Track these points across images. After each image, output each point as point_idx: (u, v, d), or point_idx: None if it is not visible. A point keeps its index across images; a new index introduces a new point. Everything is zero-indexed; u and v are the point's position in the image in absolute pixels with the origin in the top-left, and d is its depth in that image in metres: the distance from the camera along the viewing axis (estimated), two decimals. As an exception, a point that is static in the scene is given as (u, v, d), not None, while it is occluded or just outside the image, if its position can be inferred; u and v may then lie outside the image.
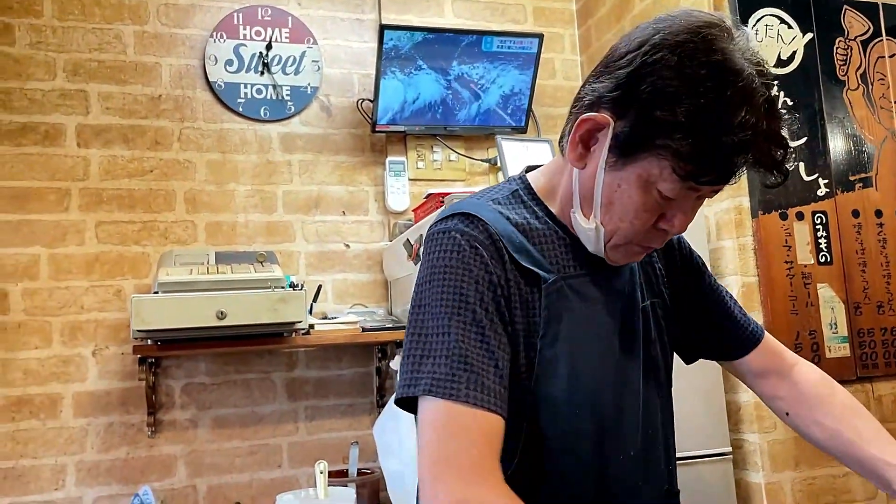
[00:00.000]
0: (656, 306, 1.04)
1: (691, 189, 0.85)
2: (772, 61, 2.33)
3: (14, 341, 2.36)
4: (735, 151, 0.79)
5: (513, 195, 0.99)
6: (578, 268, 0.95)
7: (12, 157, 2.44)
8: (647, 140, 0.83)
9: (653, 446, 0.99)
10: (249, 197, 2.66)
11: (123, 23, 2.61)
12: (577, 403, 0.91)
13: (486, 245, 0.89)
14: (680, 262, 1.11)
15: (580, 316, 0.93)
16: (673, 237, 1.10)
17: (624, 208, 0.88)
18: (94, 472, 2.38)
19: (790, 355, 1.15)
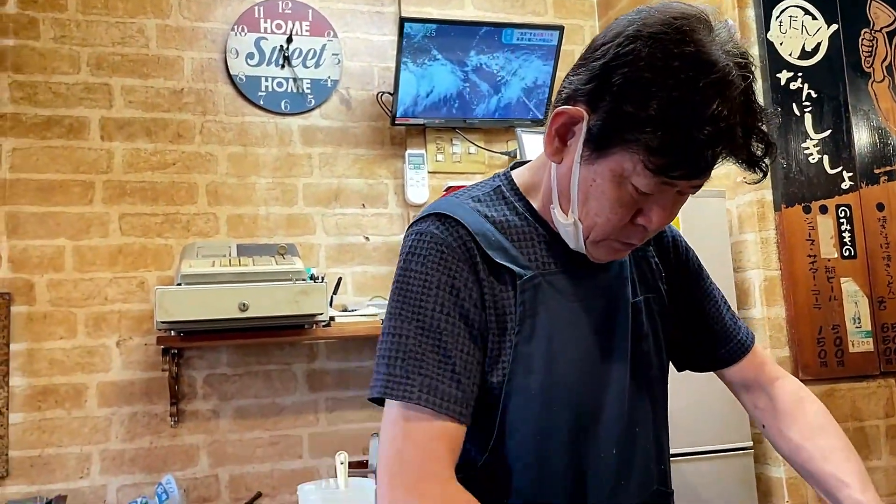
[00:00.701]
0: (650, 301, 1.01)
1: (666, 184, 0.83)
2: (796, 53, 2.31)
3: (40, 332, 2.40)
4: (707, 145, 0.77)
5: (494, 192, 0.99)
6: (559, 264, 0.94)
7: (38, 150, 2.48)
8: (618, 134, 0.81)
9: (640, 445, 0.97)
10: (270, 190, 2.68)
11: (146, 16, 2.63)
12: (552, 399, 0.90)
13: (453, 248, 0.89)
14: (674, 260, 1.09)
15: (559, 312, 0.92)
16: (668, 234, 1.09)
17: (599, 204, 0.87)
18: (118, 461, 2.41)
19: (774, 369, 1.14)
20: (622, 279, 0.98)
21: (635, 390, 0.96)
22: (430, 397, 0.84)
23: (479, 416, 0.90)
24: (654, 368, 1.00)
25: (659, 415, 1.02)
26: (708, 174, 0.83)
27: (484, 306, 0.90)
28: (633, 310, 0.98)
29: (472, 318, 0.88)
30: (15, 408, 2.34)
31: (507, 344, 0.90)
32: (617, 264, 0.98)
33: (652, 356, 1.00)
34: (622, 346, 0.96)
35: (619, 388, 0.94)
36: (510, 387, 0.89)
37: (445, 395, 0.84)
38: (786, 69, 2.29)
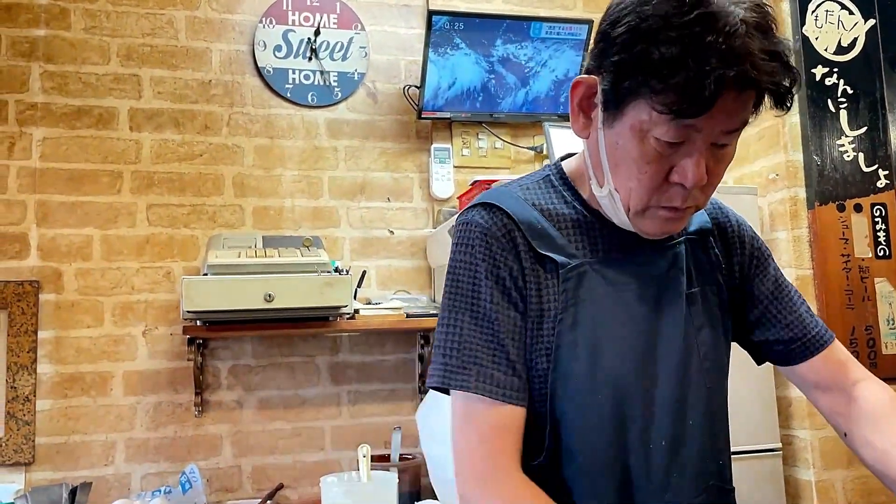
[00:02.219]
0: (707, 293, 0.99)
1: (687, 127, 0.81)
2: (832, 48, 2.27)
3: (67, 319, 2.42)
4: (705, 74, 0.76)
5: (544, 181, 1.00)
6: (608, 252, 0.94)
7: (67, 140, 2.50)
8: (626, 86, 0.82)
9: (693, 438, 0.94)
10: (296, 182, 2.68)
11: (175, 8, 2.64)
12: (598, 387, 0.89)
13: (497, 237, 0.91)
14: (739, 250, 1.05)
15: (605, 300, 0.91)
16: (733, 222, 1.06)
17: (628, 166, 0.86)
18: (143, 450, 2.43)
19: (858, 369, 1.06)
20: (677, 269, 0.97)
21: (689, 382, 0.94)
22: (486, 385, 0.88)
23: (532, 405, 0.91)
24: (709, 361, 0.97)
25: (716, 409, 0.98)
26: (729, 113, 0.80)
27: (527, 293, 0.90)
28: (687, 300, 0.96)
29: (520, 306, 0.90)
30: (42, 395, 2.37)
31: (551, 332, 0.90)
32: (671, 254, 0.97)
33: (708, 348, 0.97)
34: (674, 337, 0.94)
35: (670, 379, 0.93)
36: (556, 374, 0.89)
37: (501, 383, 0.88)
38: (821, 64, 2.25)
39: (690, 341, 0.95)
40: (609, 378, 0.90)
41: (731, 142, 0.86)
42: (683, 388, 0.93)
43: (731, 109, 0.81)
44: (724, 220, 1.06)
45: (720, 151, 0.86)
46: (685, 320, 0.95)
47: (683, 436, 0.93)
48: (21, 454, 2.31)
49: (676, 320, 0.95)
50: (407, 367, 2.67)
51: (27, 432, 2.33)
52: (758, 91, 0.81)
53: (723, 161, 0.87)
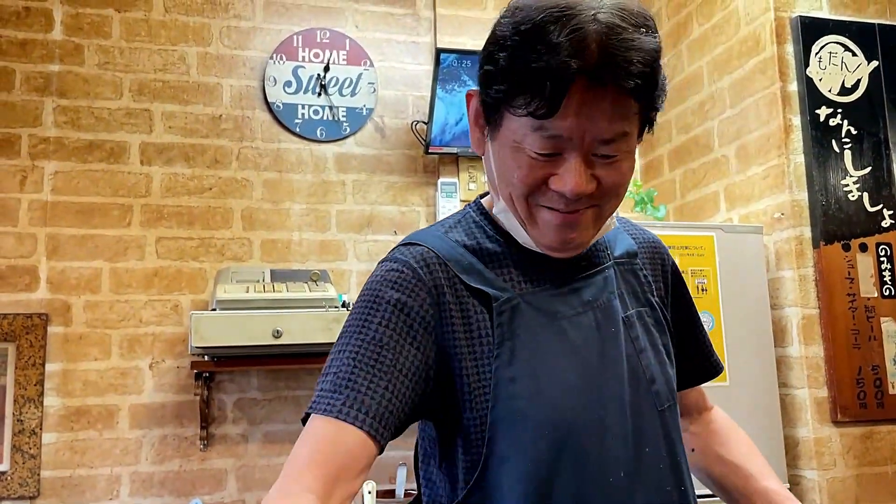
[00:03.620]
0: (643, 314, 0.97)
1: (555, 139, 0.80)
2: (836, 89, 2.30)
3: (75, 352, 2.43)
4: (549, 70, 0.76)
5: (464, 218, 0.96)
6: (538, 283, 0.90)
7: (79, 174, 2.52)
8: (492, 95, 0.83)
9: (651, 465, 0.89)
10: (304, 215, 2.70)
11: (187, 44, 2.68)
12: (544, 422, 0.84)
13: (415, 269, 0.86)
14: (662, 273, 1.05)
15: (542, 332, 0.88)
16: (658, 247, 1.06)
17: (507, 170, 0.85)
18: (148, 484, 2.42)
19: (707, 398, 1.17)
20: (608, 293, 0.94)
21: (640, 407, 0.90)
22: (352, 411, 0.78)
23: (464, 450, 0.86)
24: (657, 382, 0.93)
25: (671, 431, 0.94)
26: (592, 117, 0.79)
27: (444, 331, 0.86)
28: (625, 324, 0.93)
29: (420, 340, 0.84)
30: (48, 427, 2.37)
31: (487, 370, 0.85)
32: (601, 278, 0.94)
33: (654, 370, 0.94)
34: (618, 363, 0.90)
35: (620, 406, 0.88)
36: (494, 414, 0.84)
37: (371, 411, 0.79)
38: (825, 105, 2.27)
39: (634, 366, 0.92)
40: (556, 412, 0.85)
41: (617, 153, 0.83)
42: (636, 413, 0.89)
43: (597, 113, 0.79)
44: (648, 243, 1.05)
45: (608, 163, 0.83)
46: (626, 345, 0.92)
47: (641, 465, 0.88)
48: (26, 488, 2.31)
49: (617, 345, 0.91)
50: (412, 402, 2.67)
51: (33, 465, 2.33)
52: (614, 87, 0.78)
53: (615, 174, 0.84)
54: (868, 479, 2.13)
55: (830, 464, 2.11)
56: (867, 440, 2.15)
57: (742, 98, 2.44)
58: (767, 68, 2.32)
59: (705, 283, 2.13)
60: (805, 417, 2.14)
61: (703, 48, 2.67)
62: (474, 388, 0.85)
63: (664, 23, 2.90)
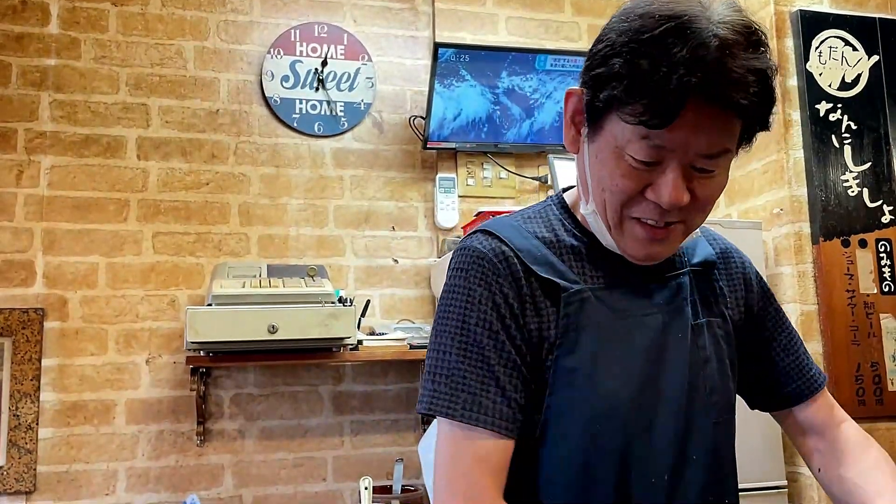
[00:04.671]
0: (714, 325, 0.97)
1: (660, 148, 0.81)
2: (836, 84, 2.28)
3: (71, 348, 2.42)
4: (668, 82, 0.76)
5: (545, 210, 0.99)
6: (611, 279, 0.92)
7: (75, 168, 2.51)
8: (601, 98, 0.83)
9: (695, 473, 0.90)
10: (301, 211, 2.69)
11: (184, 39, 2.67)
12: (596, 416, 0.86)
13: (494, 263, 0.89)
14: (743, 286, 1.04)
15: (607, 327, 0.89)
16: (737, 258, 1.05)
17: (602, 177, 0.86)
18: (144, 479, 2.42)
19: (841, 412, 1.09)
20: (681, 299, 0.95)
21: (694, 415, 0.91)
22: (473, 413, 0.85)
23: (522, 432, 0.88)
24: (716, 394, 0.94)
25: (722, 445, 0.95)
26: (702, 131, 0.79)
27: (525, 321, 0.89)
28: (694, 331, 0.94)
29: (513, 332, 0.88)
30: (44, 423, 2.36)
31: (549, 358, 0.88)
32: (675, 283, 0.95)
33: (716, 381, 0.95)
34: (679, 368, 0.91)
35: (673, 411, 0.90)
36: (551, 400, 0.87)
37: (489, 411, 0.85)
38: (825, 100, 2.26)
39: (696, 374, 0.92)
40: (609, 407, 0.87)
41: (716, 168, 0.84)
42: (687, 421, 0.90)
43: (705, 128, 0.80)
44: (729, 256, 1.05)
45: (705, 178, 0.84)
46: (691, 352, 0.93)
47: (685, 471, 0.90)
48: (22, 483, 2.30)
49: (681, 352, 0.92)
50: (410, 398, 2.66)
51: (29, 461, 2.32)
52: (728, 106, 0.78)
53: (710, 188, 0.85)
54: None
55: (829, 461, 2.09)
56: (866, 437, 2.14)
57: (741, 93, 2.42)
58: (767, 63, 2.30)
59: (703, 279, 2.12)
60: (803, 414, 2.13)
61: (702, 43, 2.65)
62: (536, 373, 0.88)
63: (664, 17, 2.88)
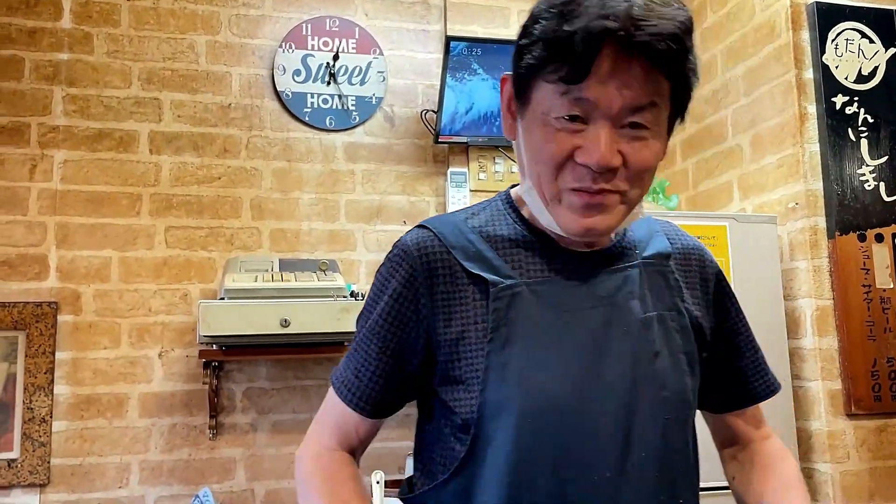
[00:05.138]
0: (666, 318, 0.93)
1: (581, 101, 0.81)
2: (852, 77, 2.25)
3: (85, 341, 2.43)
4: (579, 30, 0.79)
5: (490, 205, 0.98)
6: (551, 272, 0.90)
7: (88, 163, 2.52)
8: (523, 66, 0.85)
9: (644, 471, 0.86)
10: (313, 205, 2.69)
11: (196, 33, 2.67)
12: (529, 413, 0.83)
13: (415, 258, 0.90)
14: (700, 281, 1.01)
15: (543, 322, 0.87)
16: (696, 251, 1.02)
17: (533, 149, 0.86)
18: (157, 472, 2.43)
19: (768, 428, 1.07)
20: (627, 291, 0.92)
21: (641, 411, 0.87)
22: (342, 389, 0.95)
23: (454, 433, 0.88)
24: (668, 389, 0.90)
25: (675, 441, 0.90)
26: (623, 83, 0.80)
27: (438, 318, 0.89)
28: (643, 325, 0.90)
29: (410, 328, 0.91)
30: (58, 416, 2.38)
31: (480, 354, 0.86)
32: (622, 276, 0.92)
33: (667, 376, 0.90)
34: (623, 362, 0.88)
35: (617, 406, 0.86)
36: (483, 398, 0.85)
37: (356, 390, 0.94)
38: (841, 93, 2.24)
39: (643, 368, 0.88)
40: (542, 403, 0.84)
41: (644, 122, 0.83)
42: (633, 417, 0.86)
43: (626, 80, 0.80)
44: (689, 252, 1.02)
45: (636, 141, 0.83)
46: (637, 346, 0.89)
47: (632, 470, 0.85)
48: (36, 475, 2.32)
49: (626, 346, 0.88)
50: (421, 392, 2.66)
51: (43, 454, 2.33)
52: (643, 53, 0.79)
53: (642, 154, 0.84)
54: (882, 473, 2.10)
55: (844, 457, 2.08)
56: (881, 433, 2.12)
57: (757, 86, 2.40)
58: (783, 55, 2.28)
59: (717, 274, 2.10)
60: (818, 410, 2.11)
61: (717, 36, 2.63)
62: (466, 372, 0.87)
63: (677, 10, 2.86)
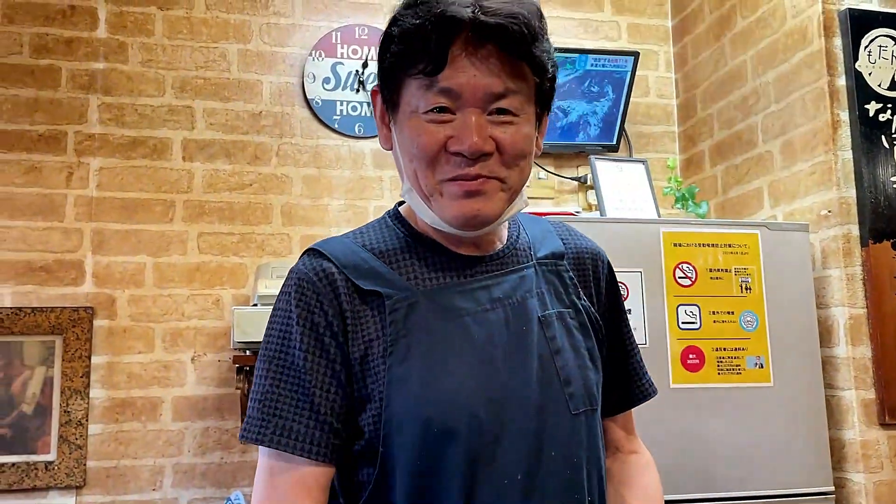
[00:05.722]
0: (565, 316, 0.94)
1: (444, 93, 0.85)
2: (885, 83, 2.24)
3: (120, 346, 2.48)
4: (430, 23, 0.84)
5: (379, 222, 0.99)
6: (443, 280, 0.91)
7: (123, 170, 2.57)
8: (386, 68, 0.89)
9: (556, 470, 0.86)
10: (342, 211, 2.72)
11: (228, 42, 2.71)
12: (434, 421, 0.83)
13: (314, 282, 0.89)
14: (593, 280, 1.02)
15: (441, 329, 0.87)
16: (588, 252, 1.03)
17: (408, 147, 0.88)
18: (190, 475, 2.46)
19: (640, 443, 1.09)
20: (524, 292, 0.92)
21: (548, 408, 0.88)
22: (284, 439, 0.84)
23: (366, 451, 0.86)
24: (573, 385, 0.90)
25: (583, 437, 0.91)
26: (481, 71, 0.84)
27: (351, 338, 0.87)
28: (541, 323, 0.91)
29: (332, 353, 0.87)
30: (94, 419, 2.42)
31: (382, 369, 0.85)
32: (517, 277, 0.93)
33: (571, 371, 0.91)
34: (526, 361, 0.88)
35: (524, 406, 0.86)
36: (388, 413, 0.84)
37: (301, 436, 0.84)
38: (874, 100, 2.22)
39: (547, 365, 0.89)
40: (446, 411, 0.83)
41: (510, 107, 0.86)
42: (541, 416, 0.87)
43: (485, 67, 0.84)
44: (582, 251, 1.03)
45: (505, 122, 0.86)
46: (538, 344, 0.90)
47: (542, 469, 0.86)
48: (73, 478, 2.36)
49: (528, 344, 0.89)
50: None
51: (79, 456, 2.38)
52: (495, 39, 0.83)
53: (513, 136, 0.87)
54: None
55: (878, 467, 2.06)
56: (916, 443, 2.10)
57: (788, 92, 2.39)
58: (815, 62, 2.27)
59: (749, 282, 2.10)
60: (851, 419, 2.10)
61: (746, 42, 2.62)
62: (371, 388, 0.86)
63: (706, 16, 2.85)
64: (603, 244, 1.09)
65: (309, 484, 0.85)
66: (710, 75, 2.82)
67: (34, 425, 2.37)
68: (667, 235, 2.07)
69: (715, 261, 2.08)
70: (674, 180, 2.56)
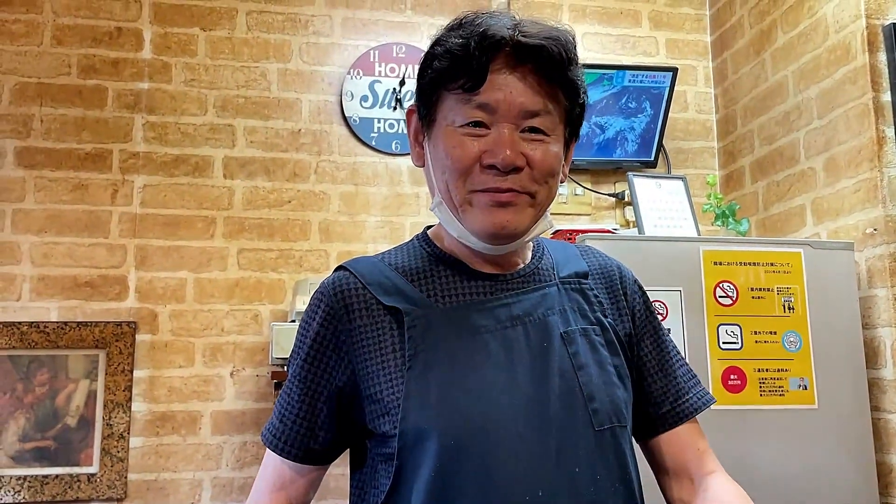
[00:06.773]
0: (590, 332, 0.94)
1: (482, 108, 0.88)
2: (933, 99, 2.19)
3: (161, 360, 2.52)
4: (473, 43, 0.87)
5: (409, 243, 1.02)
6: (468, 296, 0.93)
7: (166, 187, 2.62)
8: (426, 84, 0.93)
9: (582, 487, 0.85)
10: (379, 228, 2.74)
11: (268, 61, 2.76)
12: (448, 434, 0.83)
13: (332, 299, 0.93)
14: (624, 297, 1.02)
15: (460, 345, 0.88)
16: (616, 270, 1.04)
17: (441, 160, 0.91)
18: (228, 489, 2.49)
19: (714, 461, 1.01)
20: (546, 309, 0.93)
21: (570, 424, 0.87)
22: (273, 438, 0.95)
23: (383, 464, 0.90)
24: (597, 401, 0.90)
25: (609, 454, 0.89)
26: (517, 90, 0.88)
27: (356, 353, 0.91)
28: (564, 340, 0.91)
29: (331, 365, 0.92)
30: (135, 432, 2.46)
31: (400, 383, 0.87)
32: (539, 295, 0.94)
33: (596, 387, 0.91)
34: (547, 377, 0.88)
35: (543, 422, 0.86)
36: (405, 426, 0.85)
37: (283, 437, 0.94)
38: (922, 116, 2.17)
39: (570, 381, 0.89)
40: (462, 425, 0.84)
41: (541, 127, 0.89)
42: (563, 432, 0.86)
43: (521, 86, 0.88)
44: (608, 268, 1.04)
45: (536, 139, 0.89)
46: (560, 360, 0.90)
47: (566, 485, 0.85)
48: (114, 490, 2.40)
49: (549, 360, 0.89)
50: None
51: (120, 469, 2.42)
52: (531, 60, 0.87)
53: (543, 153, 0.90)
54: (970, 511, 2.01)
55: (928, 493, 2.00)
56: (968, 469, 2.04)
57: (831, 108, 2.35)
58: (858, 78, 2.23)
59: (792, 302, 2.06)
60: (900, 443, 2.04)
61: (787, 57, 2.58)
62: (389, 402, 0.87)
63: (746, 31, 2.82)
64: (641, 262, 1.10)
65: (284, 478, 0.95)
66: (751, 90, 2.79)
67: (77, 438, 2.42)
68: (707, 254, 2.04)
69: (757, 280, 2.05)
70: (714, 197, 2.53)
